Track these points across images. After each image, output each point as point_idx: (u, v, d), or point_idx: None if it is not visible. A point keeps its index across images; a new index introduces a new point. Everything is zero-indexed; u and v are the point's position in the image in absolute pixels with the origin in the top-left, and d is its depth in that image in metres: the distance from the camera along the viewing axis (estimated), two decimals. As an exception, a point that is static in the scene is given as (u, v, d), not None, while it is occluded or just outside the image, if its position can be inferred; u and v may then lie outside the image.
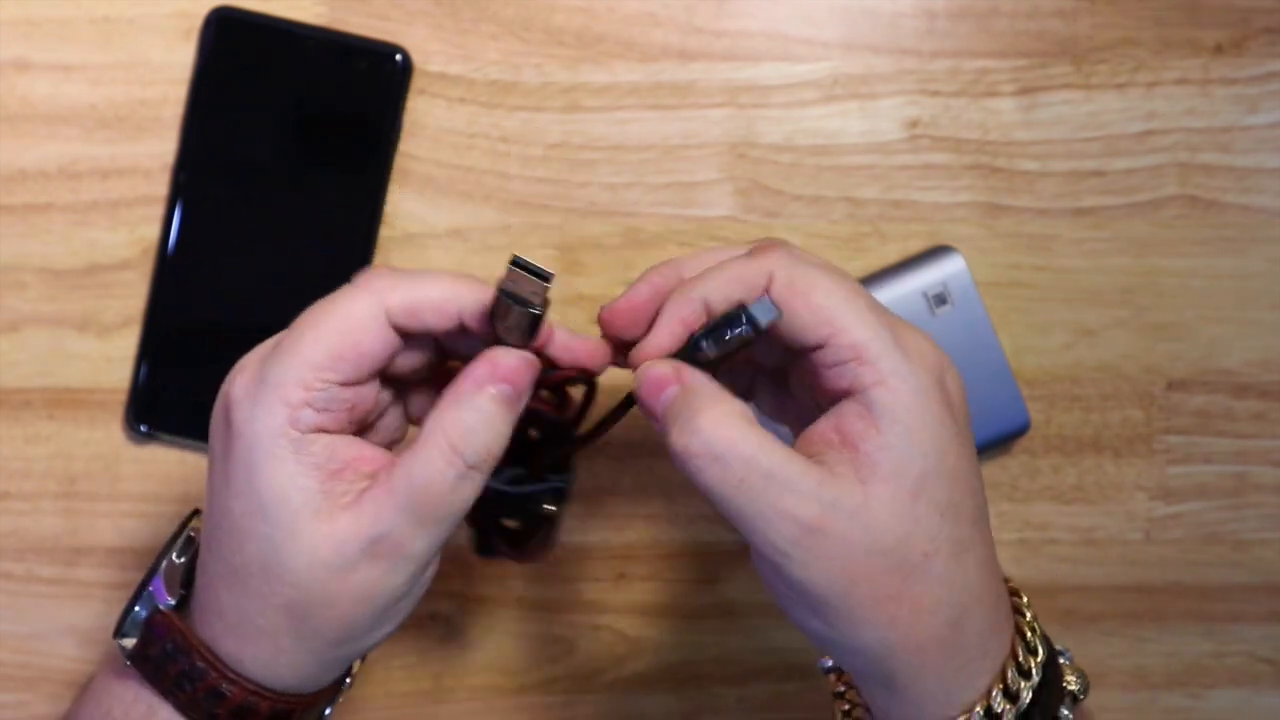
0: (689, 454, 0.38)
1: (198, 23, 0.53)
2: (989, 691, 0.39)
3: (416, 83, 0.54)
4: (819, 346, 0.39)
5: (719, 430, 0.38)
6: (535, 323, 0.41)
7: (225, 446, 0.40)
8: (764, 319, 0.39)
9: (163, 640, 0.41)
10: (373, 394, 0.41)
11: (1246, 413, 0.56)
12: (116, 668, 0.43)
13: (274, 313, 0.54)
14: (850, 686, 0.45)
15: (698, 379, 0.40)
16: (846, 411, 0.39)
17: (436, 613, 0.56)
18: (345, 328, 0.40)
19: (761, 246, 0.41)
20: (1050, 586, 0.56)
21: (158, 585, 0.42)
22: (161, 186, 0.54)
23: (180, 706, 0.41)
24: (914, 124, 0.55)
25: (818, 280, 0.39)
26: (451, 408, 0.39)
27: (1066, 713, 0.41)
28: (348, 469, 0.40)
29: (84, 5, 0.54)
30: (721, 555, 0.56)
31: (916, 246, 0.55)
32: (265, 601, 0.40)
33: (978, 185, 0.55)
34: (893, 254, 0.55)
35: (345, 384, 0.40)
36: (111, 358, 0.54)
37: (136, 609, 0.42)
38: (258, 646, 0.40)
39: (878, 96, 0.55)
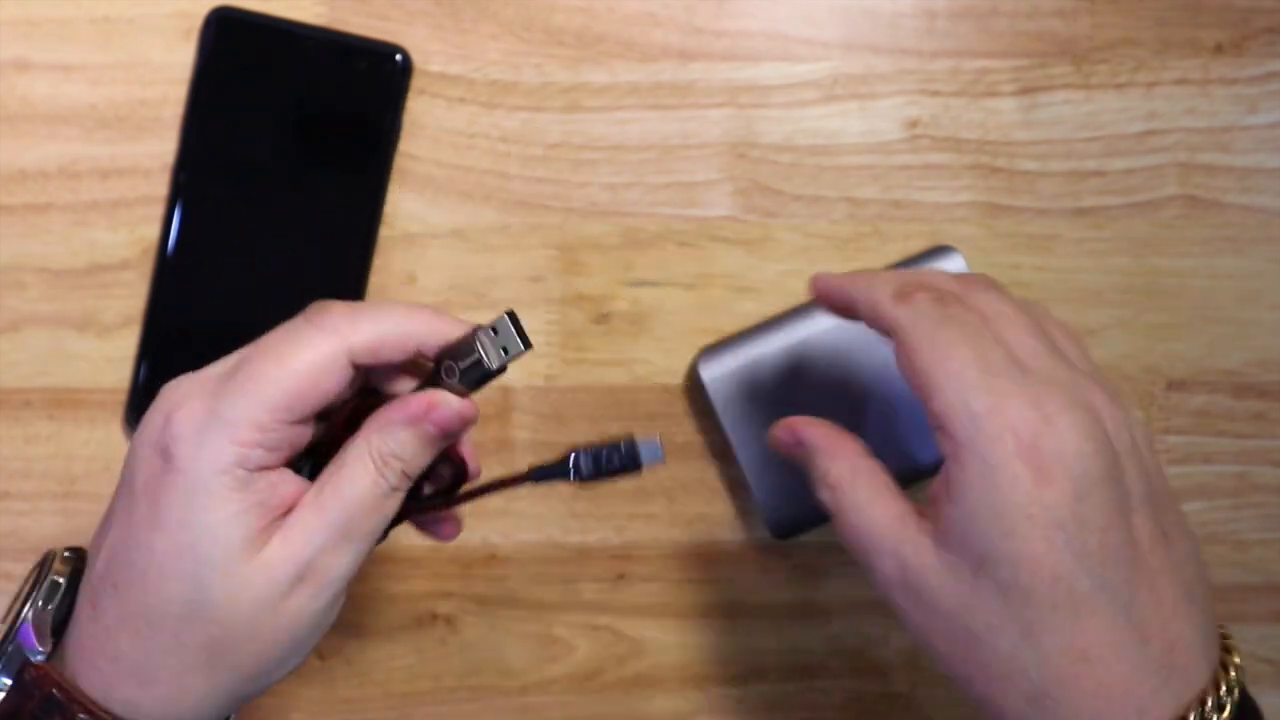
0: (825, 504, 0.41)
1: (198, 23, 0.53)
2: None
3: (416, 83, 0.54)
4: (925, 409, 0.39)
5: (834, 492, 0.41)
6: (487, 379, 0.41)
7: (157, 481, 0.39)
8: (646, 459, 0.41)
9: (37, 695, 0.38)
10: (311, 428, 0.41)
11: (1246, 413, 0.56)
12: None
13: (274, 313, 0.54)
14: None
15: (814, 435, 0.42)
16: (941, 471, 0.39)
17: (436, 613, 0.56)
18: (308, 371, 0.39)
19: (903, 295, 0.41)
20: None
21: (25, 635, 0.40)
22: (161, 186, 0.54)
23: None
24: (914, 124, 0.55)
25: (925, 341, 0.39)
26: (382, 433, 0.40)
27: None
28: (276, 506, 0.40)
29: (84, 5, 0.54)
30: (721, 555, 0.56)
31: (917, 247, 0.55)
32: (180, 642, 0.38)
33: (978, 185, 0.55)
34: (893, 254, 0.55)
35: (295, 422, 0.40)
36: (111, 358, 0.54)
37: None
38: (163, 688, 0.39)
39: (878, 96, 0.55)
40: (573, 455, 0.42)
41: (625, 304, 0.55)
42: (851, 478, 0.41)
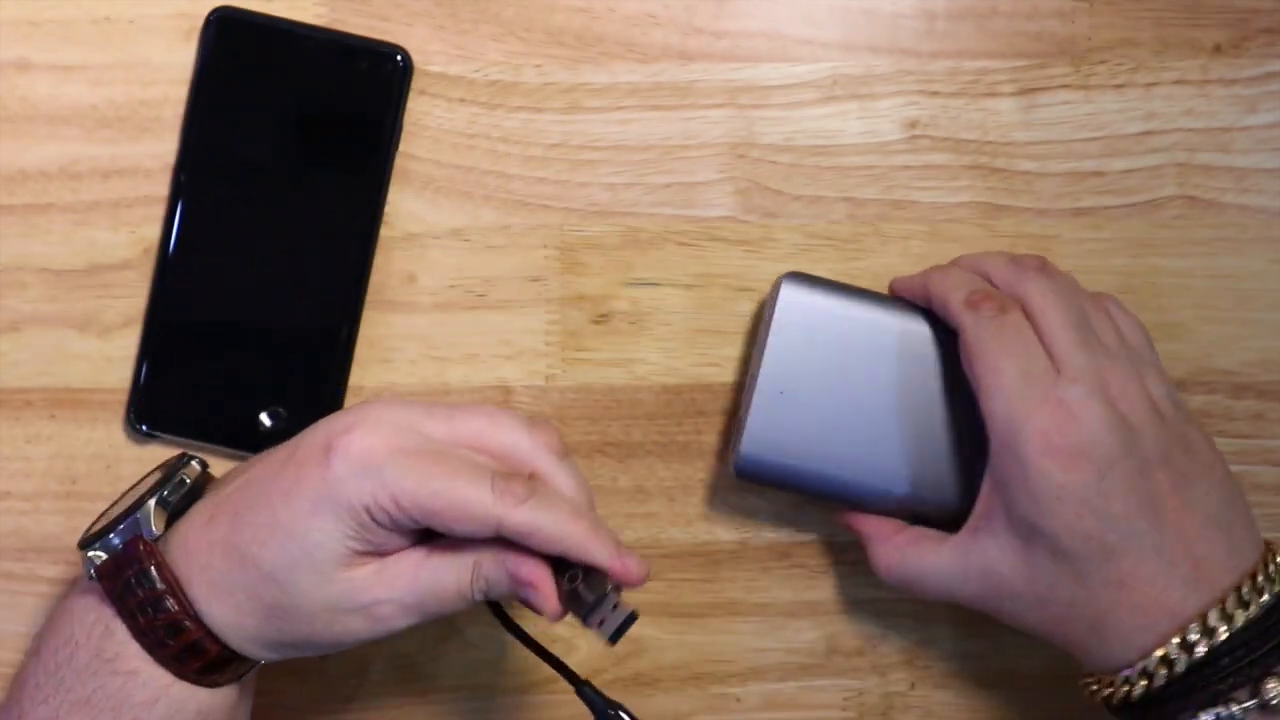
0: (893, 585, 0.52)
1: (198, 23, 0.53)
2: (1204, 609, 0.45)
3: (417, 83, 0.54)
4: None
5: (888, 568, 0.51)
6: (579, 616, 0.46)
7: (311, 469, 0.44)
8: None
9: (137, 565, 0.44)
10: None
11: (1245, 413, 0.56)
12: (80, 587, 0.47)
13: (274, 313, 0.54)
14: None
15: (861, 523, 0.53)
16: (989, 466, 0.48)
17: (437, 612, 0.56)
18: (461, 514, 0.43)
19: (1014, 277, 0.50)
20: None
21: (145, 514, 0.46)
22: (162, 187, 0.54)
23: (137, 631, 0.44)
24: (913, 124, 0.55)
25: (982, 349, 0.48)
26: (493, 562, 0.44)
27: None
28: (376, 550, 0.45)
29: (84, 5, 0.54)
30: (721, 555, 0.56)
31: (917, 247, 0.55)
32: (255, 592, 0.44)
33: (977, 185, 0.55)
34: (893, 253, 0.55)
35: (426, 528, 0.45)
36: (112, 358, 0.54)
37: (113, 532, 0.46)
38: (226, 609, 0.45)
39: (877, 97, 0.55)
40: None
41: (625, 304, 0.55)
42: (903, 538, 0.51)
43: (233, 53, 0.53)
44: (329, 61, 0.53)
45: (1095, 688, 0.48)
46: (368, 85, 0.53)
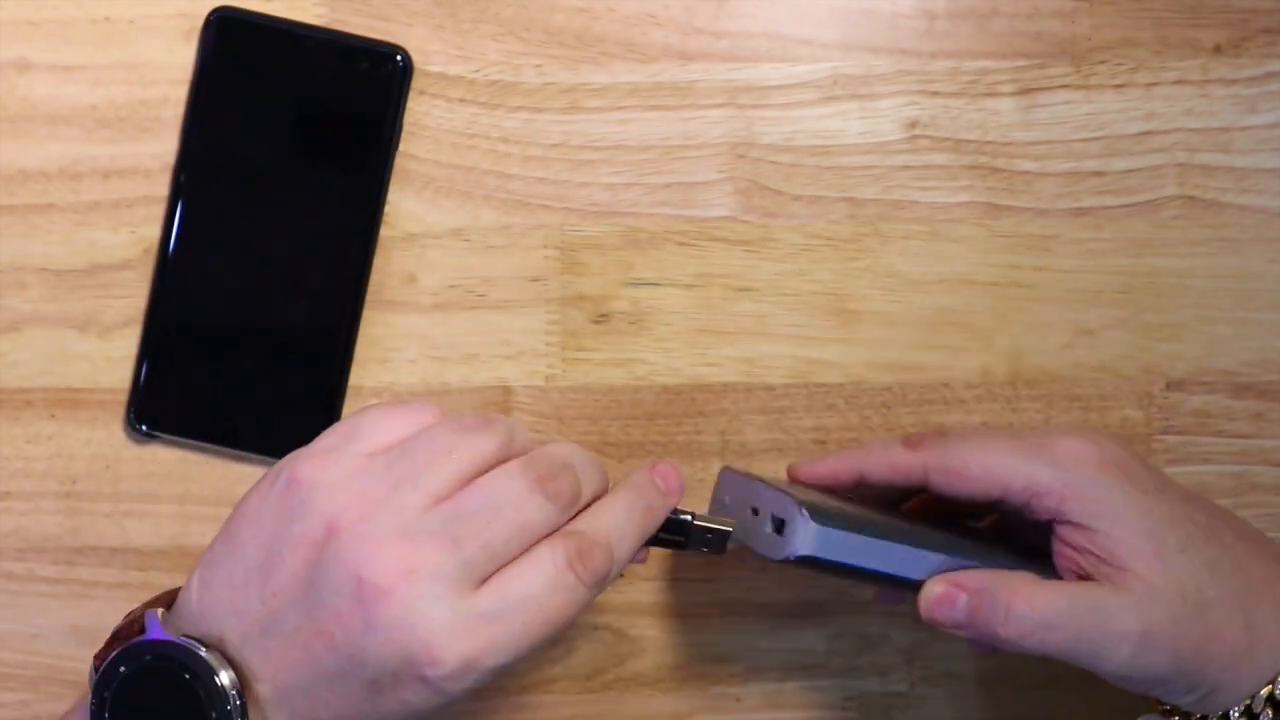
0: (1025, 637, 0.44)
1: (198, 23, 0.53)
2: None
3: (416, 83, 0.54)
4: (1001, 500, 0.46)
5: (1034, 606, 0.44)
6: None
7: (417, 700, 0.41)
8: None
9: None
10: None
11: (1245, 413, 0.56)
12: None
13: (274, 313, 0.54)
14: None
15: (979, 577, 0.45)
16: (1062, 535, 0.45)
17: (437, 612, 0.56)
18: (565, 622, 0.42)
19: (913, 440, 0.48)
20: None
21: None
22: (162, 187, 0.54)
23: None
24: (913, 124, 0.55)
25: (964, 454, 0.46)
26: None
27: None
28: None
29: (85, 6, 0.54)
30: (721, 555, 0.56)
31: (916, 247, 0.55)
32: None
33: (977, 185, 0.55)
34: (893, 254, 0.55)
35: None
36: (112, 358, 0.54)
37: None
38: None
39: (877, 97, 0.55)
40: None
41: (625, 304, 0.55)
42: (1026, 588, 0.45)
43: (233, 53, 0.53)
44: (329, 61, 0.53)
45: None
46: (368, 85, 0.53)
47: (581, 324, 0.55)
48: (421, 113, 0.54)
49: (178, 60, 0.54)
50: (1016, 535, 0.49)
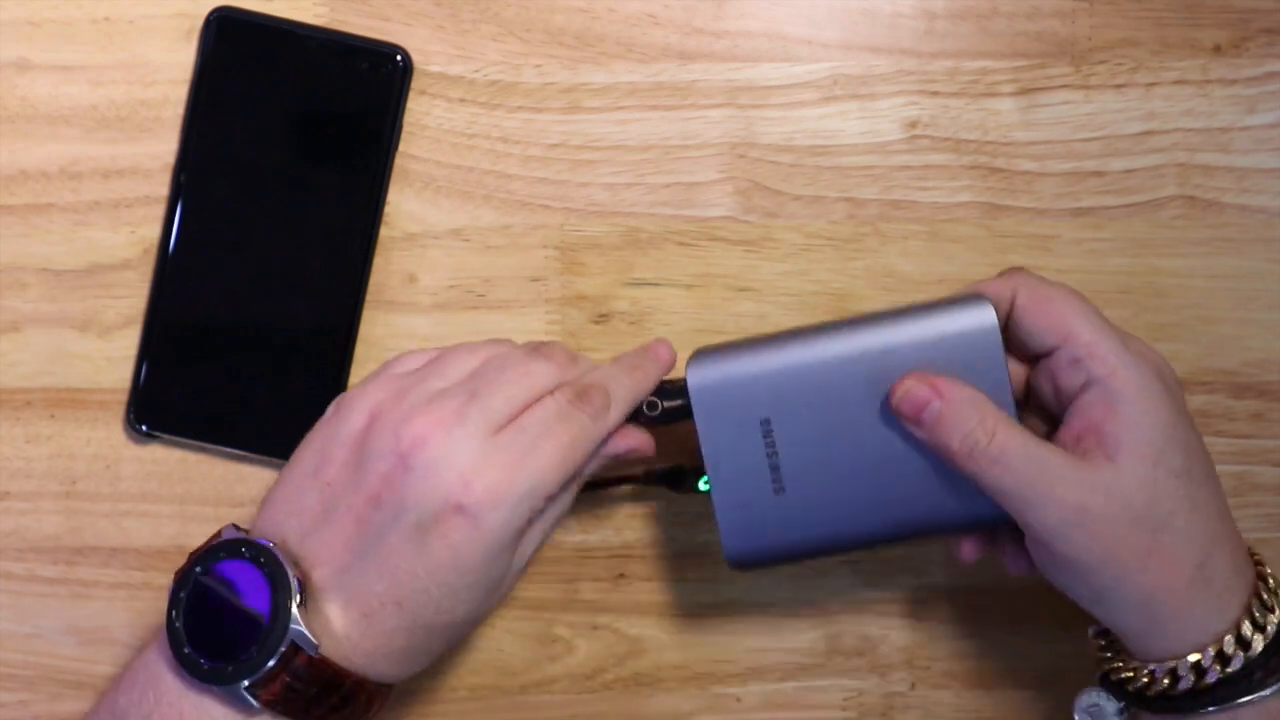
0: (974, 460, 0.46)
1: (198, 23, 0.53)
2: (1238, 621, 0.46)
3: (416, 83, 0.54)
4: (1055, 349, 0.47)
5: (994, 436, 0.45)
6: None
7: (460, 535, 0.45)
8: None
9: (317, 684, 0.45)
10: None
11: (1246, 412, 0.56)
12: (221, 707, 0.45)
13: (274, 313, 0.54)
14: (1109, 643, 0.50)
15: (958, 392, 0.46)
16: (1086, 402, 0.46)
17: (437, 612, 0.56)
18: (585, 452, 0.48)
19: (1007, 271, 0.49)
20: (1051, 586, 0.56)
21: (298, 632, 0.44)
22: (162, 187, 0.54)
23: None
24: (913, 124, 0.55)
25: (1055, 294, 0.47)
26: (598, 462, 0.49)
27: None
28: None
29: (85, 6, 0.54)
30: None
31: (916, 247, 0.55)
32: (448, 637, 0.47)
33: (977, 185, 0.55)
34: (893, 254, 0.55)
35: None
36: (112, 358, 0.54)
37: (273, 660, 0.44)
38: (415, 665, 0.47)
39: (877, 97, 0.55)
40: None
41: (625, 304, 0.55)
42: (1007, 419, 0.46)
43: (233, 53, 0.53)
44: (329, 61, 0.53)
45: (1172, 665, 0.46)
46: (368, 85, 0.53)
47: (581, 324, 0.55)
48: (421, 113, 0.54)
49: (178, 60, 0.54)
50: (1034, 398, 0.50)
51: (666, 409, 0.50)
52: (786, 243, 0.55)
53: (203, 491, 0.55)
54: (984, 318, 0.47)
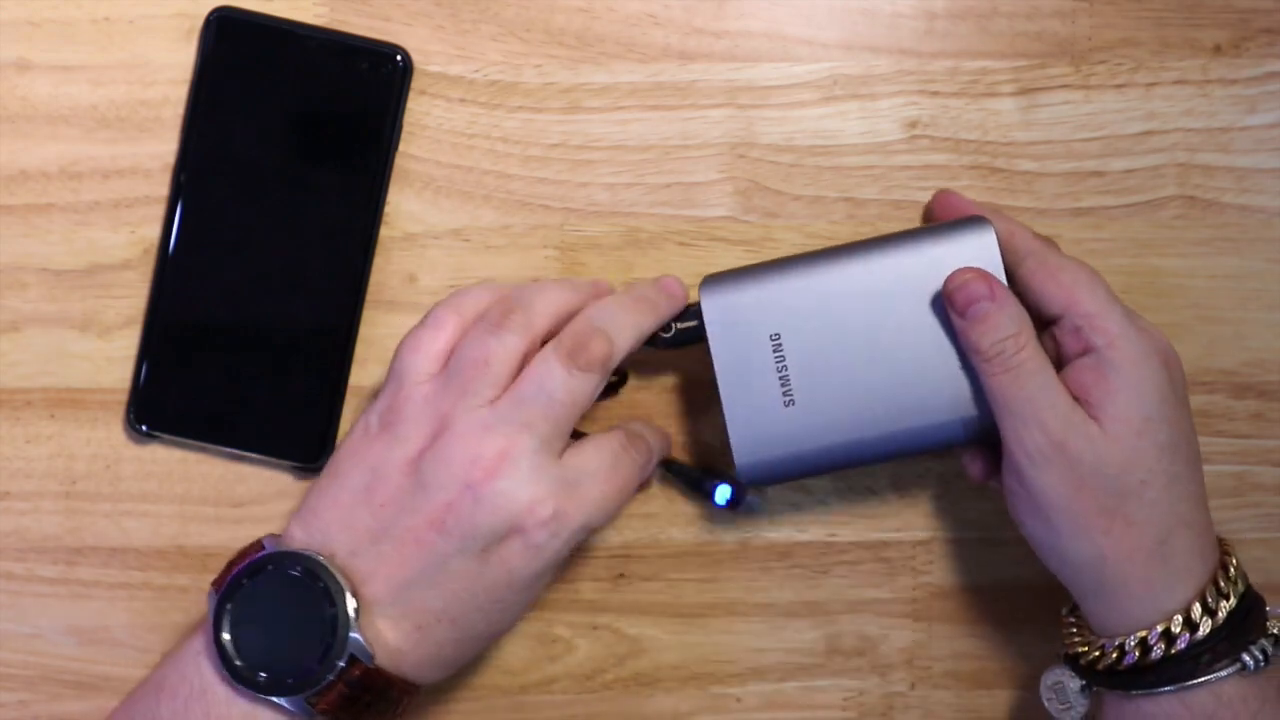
0: (994, 362, 0.47)
1: (198, 23, 0.53)
2: (1189, 604, 0.47)
3: (416, 83, 0.54)
4: (1060, 317, 0.48)
5: (1021, 350, 0.47)
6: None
7: (510, 554, 0.47)
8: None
9: (373, 693, 0.46)
10: None
11: (1245, 413, 0.56)
12: (272, 714, 0.46)
13: (274, 313, 0.54)
14: (1075, 620, 0.51)
15: (1010, 302, 0.48)
16: (1081, 366, 0.48)
17: (437, 612, 0.56)
18: (635, 480, 0.51)
19: (1035, 236, 0.51)
20: (1051, 586, 0.55)
21: (356, 642, 0.46)
22: (162, 187, 0.54)
23: None
24: (913, 124, 0.55)
25: (1065, 263, 0.49)
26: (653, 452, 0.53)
27: (1266, 644, 0.47)
28: None
29: (85, 6, 0.54)
30: (722, 555, 0.56)
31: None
32: (489, 643, 0.50)
33: (977, 185, 0.55)
34: (892, 254, 0.55)
35: None
36: (112, 358, 0.54)
37: (332, 674, 0.46)
38: (442, 672, 0.49)
39: (877, 97, 0.55)
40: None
41: (625, 304, 0.55)
42: (1038, 346, 0.48)
43: (233, 53, 0.53)
44: (329, 61, 0.53)
45: (1122, 642, 0.47)
46: (368, 85, 0.53)
47: (581, 324, 0.55)
48: (421, 113, 0.54)
49: (178, 60, 0.54)
50: None
51: (680, 330, 0.51)
52: (786, 243, 0.55)
53: (203, 491, 0.55)
54: (985, 238, 0.50)
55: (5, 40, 0.54)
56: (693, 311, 0.51)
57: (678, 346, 0.51)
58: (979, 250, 0.49)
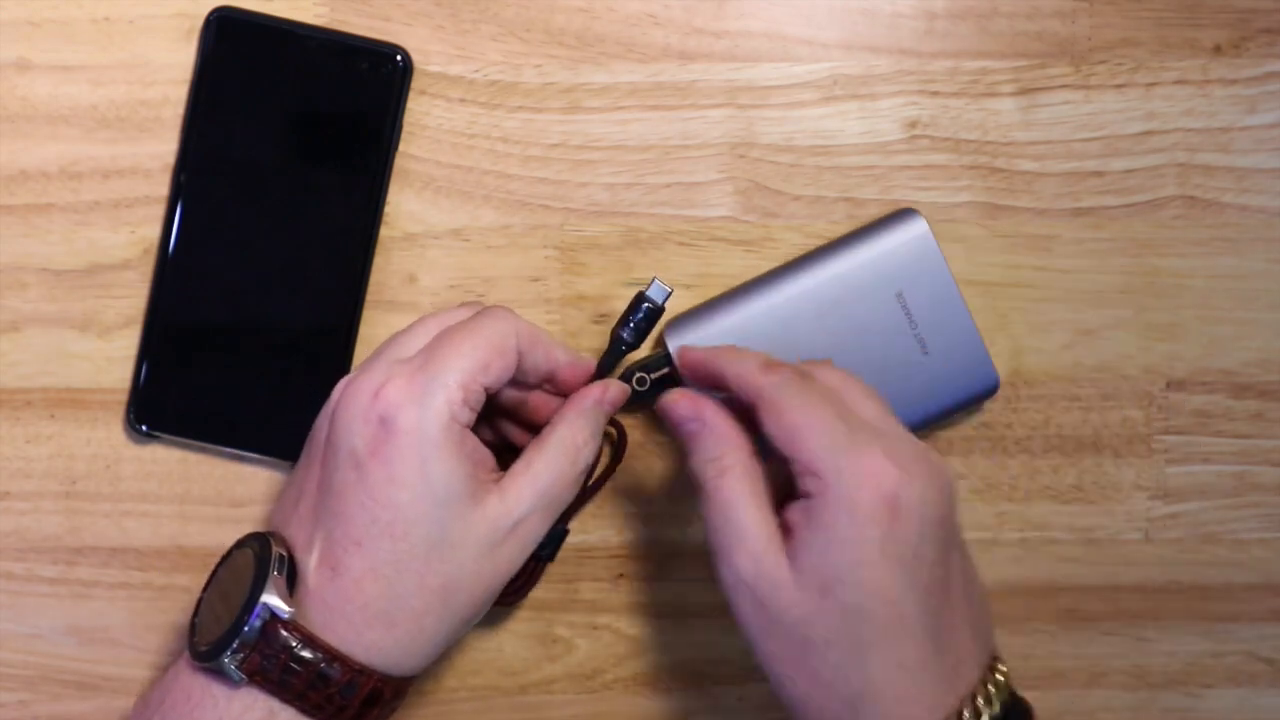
0: (695, 480, 0.47)
1: (198, 23, 0.53)
2: None
3: (416, 83, 0.54)
4: (788, 459, 0.45)
5: (721, 476, 0.46)
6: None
7: (386, 445, 0.45)
8: (660, 298, 0.51)
9: (287, 650, 0.45)
10: (484, 399, 0.48)
11: (1245, 412, 0.56)
12: (214, 694, 0.46)
13: (274, 313, 0.54)
14: None
15: (719, 424, 0.47)
16: (794, 508, 0.45)
17: (437, 612, 0.56)
18: (496, 341, 0.47)
19: (771, 366, 0.47)
20: (1050, 586, 0.56)
21: (270, 600, 0.45)
22: (162, 187, 0.54)
23: (311, 708, 0.45)
24: (913, 124, 0.55)
25: (793, 402, 0.45)
26: (573, 421, 0.49)
27: None
28: (481, 463, 0.47)
29: (85, 6, 0.54)
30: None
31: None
32: (422, 583, 0.46)
33: (977, 185, 0.55)
34: (892, 254, 0.55)
35: (487, 389, 0.47)
36: (112, 358, 0.54)
37: (245, 627, 0.45)
38: (403, 629, 0.46)
39: (877, 97, 0.55)
40: (614, 337, 0.52)
41: (625, 304, 0.55)
42: (742, 473, 0.46)
43: (233, 53, 0.53)
44: (329, 61, 0.53)
45: None
46: (368, 85, 0.53)
47: (582, 324, 0.55)
48: (421, 113, 0.54)
49: (178, 60, 0.54)
50: None
51: (654, 380, 0.53)
52: (786, 243, 0.55)
53: (203, 491, 0.55)
54: (916, 228, 0.53)
55: (5, 40, 0.54)
56: (661, 359, 0.53)
57: (656, 396, 0.50)
58: (912, 239, 0.53)
